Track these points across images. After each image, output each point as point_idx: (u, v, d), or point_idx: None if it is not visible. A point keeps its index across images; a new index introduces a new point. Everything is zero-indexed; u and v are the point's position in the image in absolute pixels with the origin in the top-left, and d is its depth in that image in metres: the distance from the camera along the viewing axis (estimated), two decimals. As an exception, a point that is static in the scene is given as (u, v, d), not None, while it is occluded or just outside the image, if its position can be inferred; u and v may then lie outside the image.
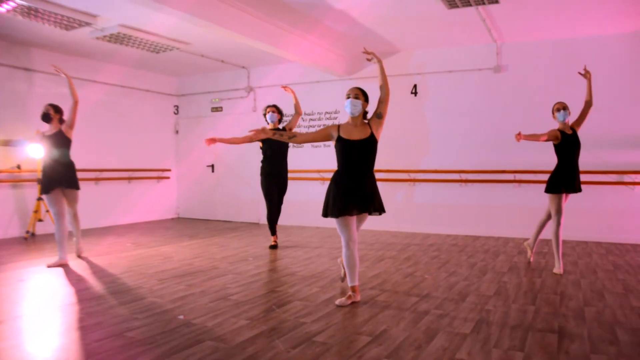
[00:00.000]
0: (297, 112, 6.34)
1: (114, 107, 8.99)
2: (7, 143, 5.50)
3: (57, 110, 5.41)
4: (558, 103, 5.05)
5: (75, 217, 5.63)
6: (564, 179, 4.93)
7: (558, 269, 4.93)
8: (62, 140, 5.36)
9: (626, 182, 6.74)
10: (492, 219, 7.51)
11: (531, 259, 5.53)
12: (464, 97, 7.71)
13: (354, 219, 3.86)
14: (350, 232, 3.82)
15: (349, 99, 3.87)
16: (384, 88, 3.94)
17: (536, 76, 7.23)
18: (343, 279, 4.41)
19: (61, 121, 5.43)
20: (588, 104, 5.08)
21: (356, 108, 3.86)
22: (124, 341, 3.02)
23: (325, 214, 3.87)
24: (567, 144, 4.94)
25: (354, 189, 3.81)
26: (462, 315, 3.56)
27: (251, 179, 9.37)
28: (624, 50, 6.76)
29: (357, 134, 3.85)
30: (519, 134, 4.78)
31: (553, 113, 5.05)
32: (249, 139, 5.52)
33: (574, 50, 7.01)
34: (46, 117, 5.34)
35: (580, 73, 5.17)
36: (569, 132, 4.98)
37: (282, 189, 6.50)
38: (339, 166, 3.91)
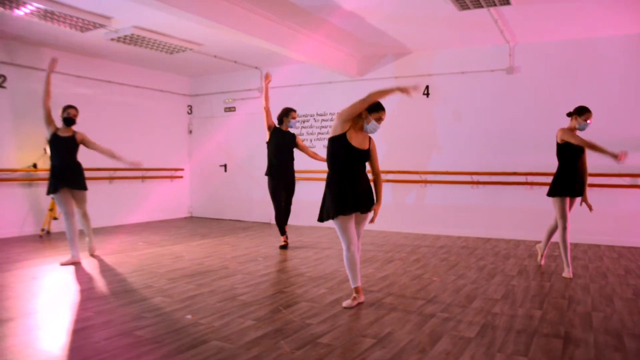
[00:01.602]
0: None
1: (128, 107, 9.11)
2: None
3: (77, 112, 5.51)
4: (589, 113, 4.78)
5: (85, 216, 5.66)
6: (567, 183, 4.88)
7: (567, 273, 4.89)
8: (73, 145, 5.45)
9: (640, 185, 6.66)
10: (503, 221, 7.46)
11: (542, 262, 5.50)
12: (476, 98, 7.67)
13: (352, 221, 3.87)
14: (350, 234, 3.83)
15: (377, 124, 3.84)
16: (376, 181, 4.06)
17: (549, 77, 7.17)
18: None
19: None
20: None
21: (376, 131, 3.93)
22: (132, 340, 3.08)
23: (321, 217, 3.89)
24: (571, 148, 4.86)
25: (349, 189, 3.82)
26: (467, 318, 3.56)
27: (263, 178, 9.37)
28: (638, 50, 6.67)
29: (360, 142, 3.86)
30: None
31: (578, 116, 4.81)
32: None
33: (587, 51, 6.94)
34: (70, 122, 5.43)
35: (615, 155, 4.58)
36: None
37: (289, 189, 6.53)
38: (331, 168, 3.89)
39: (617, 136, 6.69)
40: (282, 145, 6.41)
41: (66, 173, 5.39)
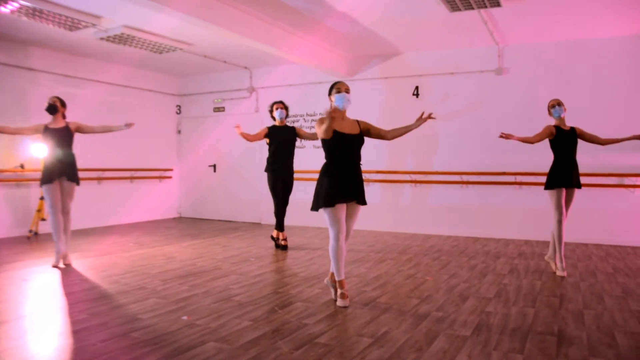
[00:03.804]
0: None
1: (117, 106, 9.02)
2: None
3: (63, 104, 5.43)
4: (553, 100, 5.10)
5: (68, 215, 5.41)
6: (561, 175, 4.94)
7: (561, 271, 4.92)
8: (67, 135, 5.36)
9: (626, 184, 6.77)
10: (492, 220, 7.54)
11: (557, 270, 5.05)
12: (465, 99, 7.74)
13: (344, 211, 3.88)
14: (340, 223, 3.83)
15: (342, 94, 3.91)
16: (394, 136, 4.16)
17: (538, 78, 7.27)
18: (337, 299, 3.96)
19: (64, 116, 5.44)
20: (600, 142, 5.07)
21: (349, 102, 3.94)
22: (129, 342, 3.06)
23: (317, 206, 3.87)
24: (562, 140, 4.96)
25: (345, 178, 3.85)
26: (462, 317, 3.60)
27: (253, 179, 9.42)
28: (626, 52, 6.79)
29: (348, 128, 3.92)
30: (507, 135, 4.90)
31: (548, 110, 5.09)
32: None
33: (575, 53, 7.05)
34: (53, 109, 5.31)
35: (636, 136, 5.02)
36: (566, 128, 5.01)
37: (287, 185, 6.47)
38: (329, 158, 3.93)
39: (607, 137, 6.78)
40: (283, 143, 6.36)
41: (61, 163, 5.29)
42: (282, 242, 6.47)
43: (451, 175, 7.78)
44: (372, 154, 8.14)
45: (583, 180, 6.78)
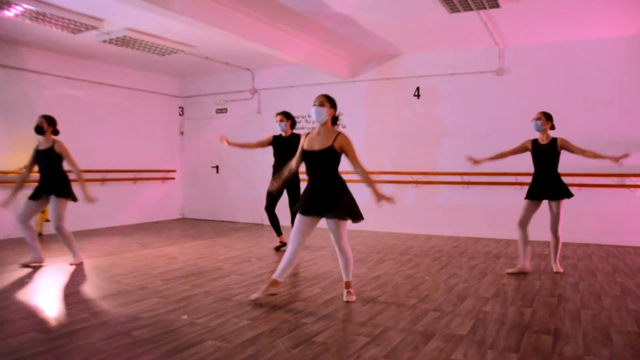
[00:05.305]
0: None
1: (120, 108, 9.10)
2: None
3: (51, 122, 5.37)
4: (537, 113, 5.17)
5: (59, 231, 5.37)
6: (536, 187, 5.09)
7: (523, 266, 5.10)
8: (53, 157, 5.32)
9: (627, 184, 6.77)
10: (493, 221, 7.55)
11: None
12: (466, 99, 7.76)
13: (306, 224, 3.98)
14: (298, 233, 3.96)
15: (314, 107, 4.01)
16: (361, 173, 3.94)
17: (538, 79, 7.28)
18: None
19: (54, 132, 5.40)
20: (584, 155, 5.03)
21: (320, 116, 4.00)
22: (130, 340, 3.10)
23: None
24: (536, 155, 5.12)
25: (312, 193, 3.96)
26: (459, 317, 3.62)
27: (255, 180, 9.46)
28: (626, 53, 6.79)
29: (317, 144, 3.95)
30: (473, 159, 5.29)
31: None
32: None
33: (575, 53, 7.05)
34: (39, 130, 5.31)
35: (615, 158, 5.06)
36: (544, 142, 5.07)
37: (293, 194, 6.28)
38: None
39: (604, 138, 6.80)
40: (285, 154, 6.20)
41: (47, 182, 5.33)
42: (278, 244, 6.50)
43: (452, 175, 7.80)
44: (373, 155, 8.19)
45: (585, 180, 6.86)
